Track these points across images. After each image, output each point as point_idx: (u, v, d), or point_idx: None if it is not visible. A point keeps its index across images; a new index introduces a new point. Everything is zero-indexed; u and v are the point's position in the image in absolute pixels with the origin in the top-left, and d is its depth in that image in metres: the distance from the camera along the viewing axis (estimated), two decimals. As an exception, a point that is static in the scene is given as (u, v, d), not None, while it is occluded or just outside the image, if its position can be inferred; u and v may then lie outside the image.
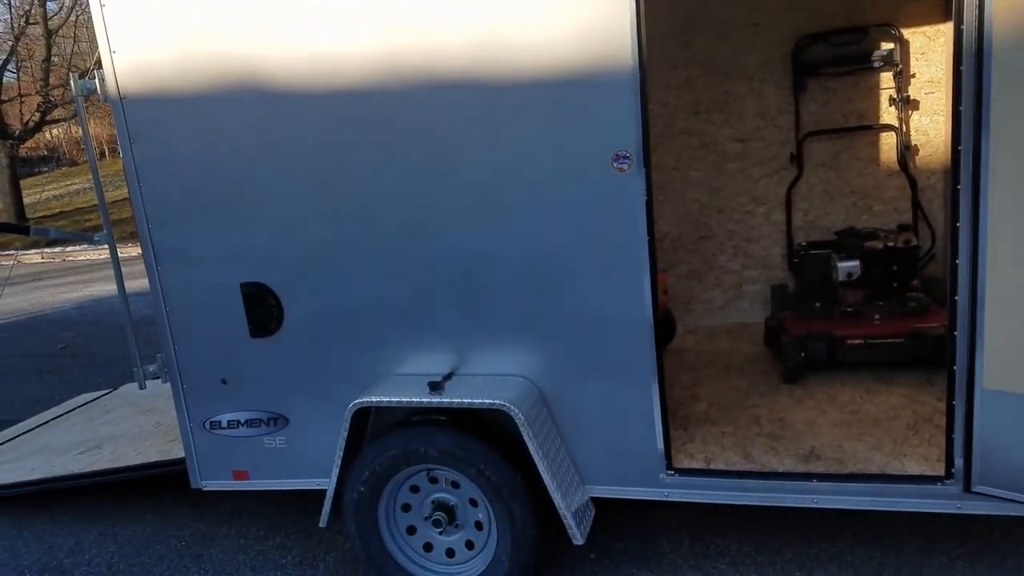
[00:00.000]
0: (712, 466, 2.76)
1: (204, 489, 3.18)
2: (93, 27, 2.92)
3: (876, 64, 3.92)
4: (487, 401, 2.61)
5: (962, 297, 2.31)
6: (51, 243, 16.30)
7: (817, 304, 3.72)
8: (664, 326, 4.13)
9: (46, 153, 32.48)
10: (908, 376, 3.34)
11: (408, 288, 2.78)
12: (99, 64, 2.89)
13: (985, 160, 2.20)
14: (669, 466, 2.73)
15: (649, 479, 2.75)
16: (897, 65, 3.91)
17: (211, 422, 3.11)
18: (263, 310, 2.92)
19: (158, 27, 2.78)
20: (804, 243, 4.14)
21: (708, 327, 4.47)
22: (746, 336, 4.21)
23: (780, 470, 2.67)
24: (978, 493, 2.40)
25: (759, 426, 3.05)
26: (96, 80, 2.95)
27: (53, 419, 4.95)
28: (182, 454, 3.21)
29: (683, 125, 4.39)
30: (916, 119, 4.05)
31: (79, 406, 5.13)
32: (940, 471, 2.51)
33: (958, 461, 2.42)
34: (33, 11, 19.26)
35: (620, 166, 2.53)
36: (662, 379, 2.66)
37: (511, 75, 2.52)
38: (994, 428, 2.33)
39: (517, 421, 2.58)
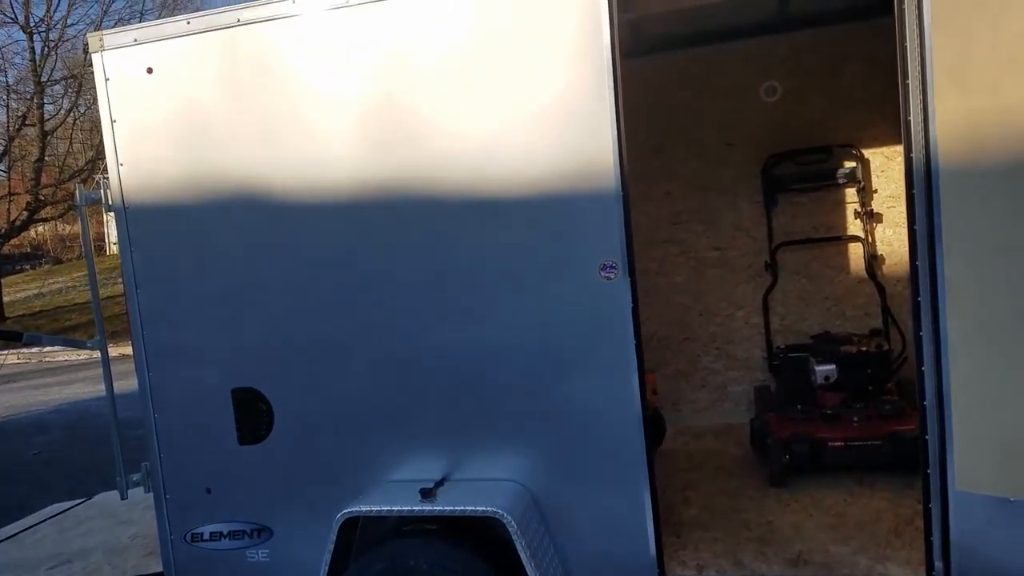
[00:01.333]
0: (704, 574, 2.78)
1: (182, 607, 3.08)
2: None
3: (840, 181, 4.23)
4: (480, 508, 2.62)
5: (930, 403, 2.44)
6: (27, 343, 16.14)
7: (799, 406, 3.83)
8: (654, 426, 4.20)
9: (29, 250, 32.58)
10: (889, 479, 3.41)
11: (398, 391, 2.84)
12: (102, 171, 3.08)
13: (940, 274, 2.38)
14: (662, 574, 2.74)
15: (641, 587, 2.75)
16: (859, 182, 4.23)
17: (193, 534, 3.05)
18: (253, 416, 2.96)
19: (164, 143, 2.96)
20: (783, 346, 4.30)
21: (696, 427, 4.54)
22: (732, 437, 4.28)
23: (770, 576, 2.70)
24: (965, 598, 2.44)
25: (748, 530, 3.08)
26: (101, 190, 3.12)
27: (21, 531, 4.79)
28: (160, 568, 3.12)
29: (665, 234, 4.64)
30: (880, 231, 4.33)
31: (50, 517, 4.98)
32: (923, 574, 2.55)
33: (938, 564, 2.46)
34: (31, 113, 19.78)
35: (607, 275, 2.69)
36: (653, 482, 2.71)
37: (506, 186, 2.70)
38: (969, 529, 2.39)
39: (510, 529, 2.59)
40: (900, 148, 4.20)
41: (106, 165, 3.08)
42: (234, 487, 3.02)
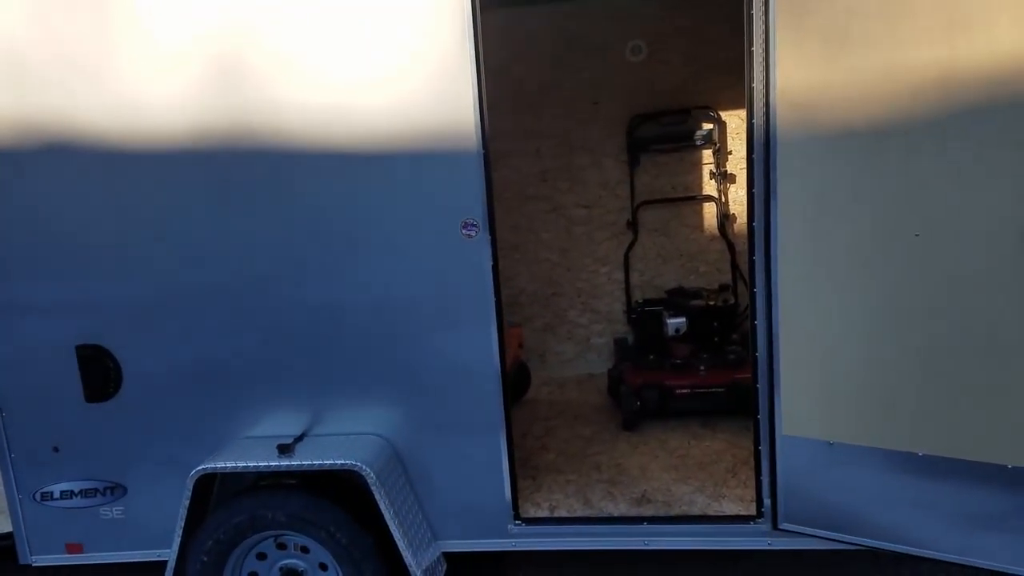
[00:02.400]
0: (556, 514, 2.92)
1: (34, 565, 2.93)
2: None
3: (698, 142, 4.44)
4: (338, 462, 2.62)
5: (761, 354, 2.66)
6: None
7: (651, 357, 4.07)
8: (519, 378, 4.33)
9: None
10: (730, 423, 3.72)
11: (258, 348, 2.77)
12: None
13: (775, 236, 2.58)
14: (516, 516, 2.85)
15: (498, 530, 2.86)
16: (716, 144, 4.45)
17: (43, 493, 2.91)
18: (100, 373, 2.78)
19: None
20: (640, 300, 4.53)
21: (561, 378, 4.72)
22: (593, 386, 4.49)
23: (615, 514, 2.88)
24: (784, 530, 2.72)
25: (599, 472, 3.27)
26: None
27: None
28: (9, 528, 2.98)
29: (534, 191, 4.70)
30: (733, 191, 4.61)
31: None
32: (753, 511, 2.82)
33: (767, 501, 2.73)
34: None
35: (468, 232, 2.70)
36: (510, 432, 2.80)
37: (365, 141, 2.63)
38: (794, 470, 2.66)
39: (369, 481, 2.61)
40: (753, 114, 4.52)
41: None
42: (84, 445, 2.88)
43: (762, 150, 2.56)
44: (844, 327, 2.49)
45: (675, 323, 4.02)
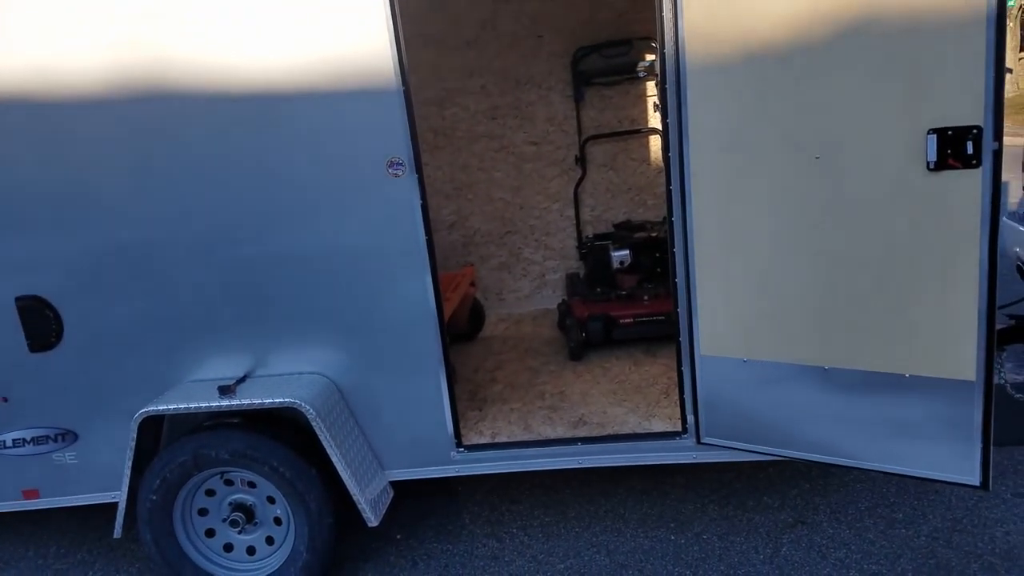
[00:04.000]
0: (497, 440, 3.08)
1: (-9, 513, 3.07)
2: None
3: (641, 74, 4.44)
4: (277, 400, 2.74)
5: (680, 280, 2.76)
6: None
7: (598, 289, 4.18)
8: (472, 316, 4.44)
9: None
10: (670, 348, 3.86)
11: (198, 293, 2.84)
12: None
13: (688, 165, 2.64)
14: (459, 444, 3.00)
15: (441, 458, 3.01)
16: (657, 75, 4.44)
17: None
18: (41, 323, 2.86)
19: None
20: (591, 235, 4.61)
21: (517, 314, 4.84)
22: (547, 321, 4.62)
23: (552, 437, 3.03)
24: (707, 444, 2.88)
25: (543, 400, 3.42)
26: None
27: None
28: None
29: (483, 129, 4.71)
30: (680, 123, 4.62)
31: None
32: (679, 427, 2.98)
33: (690, 418, 2.88)
34: None
35: (395, 171, 2.74)
36: (449, 368, 2.92)
37: (281, 81, 2.64)
38: (712, 387, 2.80)
39: (308, 417, 2.73)
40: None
41: None
42: (32, 394, 2.97)
43: (673, 79, 2.60)
44: (751, 250, 2.58)
45: (619, 255, 4.12)
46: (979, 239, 2.24)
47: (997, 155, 2.18)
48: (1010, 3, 17.70)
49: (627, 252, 4.08)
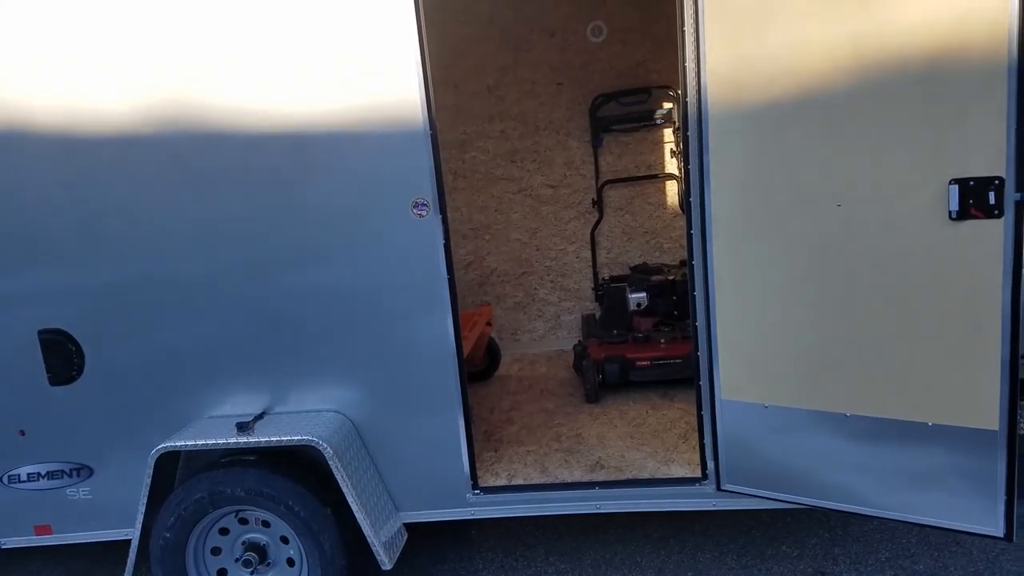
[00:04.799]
0: (513, 482, 3.04)
1: (3, 548, 3.04)
2: None
3: (658, 121, 4.52)
4: (295, 438, 2.73)
5: (700, 324, 2.77)
6: None
7: (615, 331, 4.18)
8: (488, 355, 4.44)
9: None
10: (687, 392, 3.84)
11: (220, 330, 2.87)
12: None
13: (708, 210, 2.67)
14: (475, 486, 2.98)
15: (457, 500, 2.98)
16: (675, 122, 4.53)
17: (10, 476, 3.01)
18: (63, 357, 2.89)
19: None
20: (607, 277, 4.63)
21: (532, 355, 4.84)
22: (561, 361, 4.61)
23: (569, 480, 3.00)
24: (727, 491, 2.84)
25: (559, 442, 3.39)
26: None
27: None
28: None
29: (502, 172, 4.79)
30: (696, 168, 4.68)
31: None
32: (698, 473, 2.94)
33: (710, 464, 2.85)
34: None
35: (419, 212, 2.79)
36: (467, 407, 2.91)
37: (311, 124, 2.71)
38: (732, 433, 2.78)
39: (326, 455, 2.72)
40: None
41: None
42: (49, 428, 2.98)
43: (695, 126, 2.64)
44: (773, 295, 2.59)
45: (636, 297, 4.13)
46: (1001, 287, 2.24)
47: (1020, 205, 2.19)
48: None
49: (644, 294, 4.10)
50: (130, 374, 2.91)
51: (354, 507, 2.76)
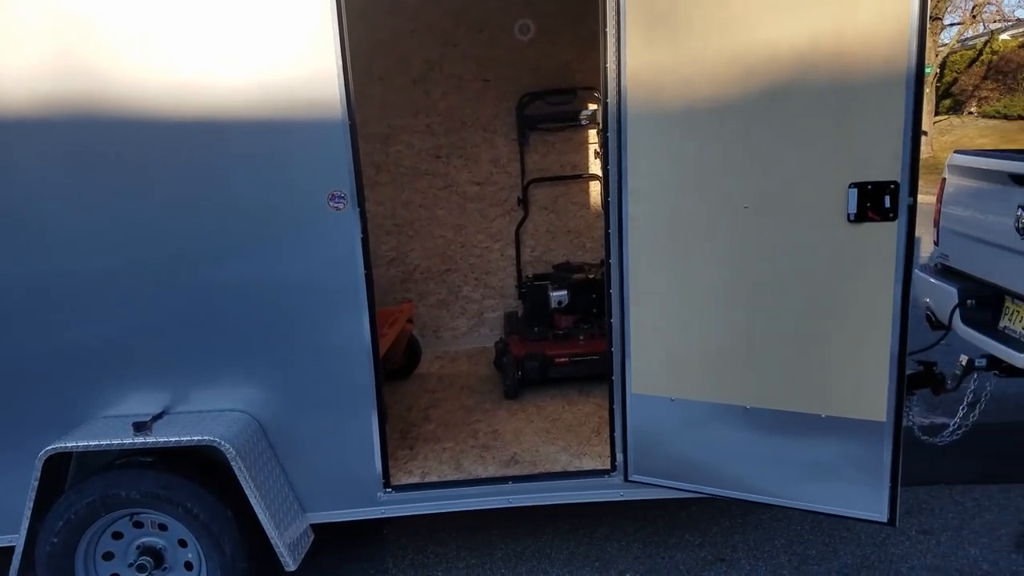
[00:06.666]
0: (426, 479, 3.01)
1: None
2: None
3: (583, 122, 4.56)
4: (195, 438, 2.61)
5: (615, 320, 2.80)
6: None
7: (536, 328, 4.19)
8: (408, 353, 4.38)
9: None
10: (604, 387, 3.89)
11: (118, 326, 2.71)
12: None
13: (625, 210, 2.71)
14: (387, 485, 2.92)
15: (367, 499, 2.91)
16: (599, 123, 4.59)
17: None
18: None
19: None
20: (530, 275, 4.65)
21: (454, 352, 4.80)
22: (483, 359, 4.59)
23: (483, 476, 2.99)
24: (634, 482, 2.89)
25: (476, 439, 3.37)
26: None
27: None
28: None
29: (428, 167, 4.73)
30: (619, 169, 4.76)
31: None
32: (608, 465, 2.98)
33: (619, 456, 2.89)
34: None
35: (336, 205, 2.71)
36: (381, 407, 2.85)
37: (224, 112, 2.61)
38: (641, 426, 2.83)
39: (228, 456, 2.60)
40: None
41: None
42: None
43: (615, 127, 2.68)
44: (681, 292, 2.65)
45: (557, 296, 4.16)
46: (893, 287, 2.36)
47: (912, 209, 2.31)
48: (927, 70, 19.04)
49: (565, 293, 4.13)
50: (18, 371, 2.71)
51: (257, 509, 2.66)
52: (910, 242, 2.32)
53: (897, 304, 2.36)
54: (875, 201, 2.30)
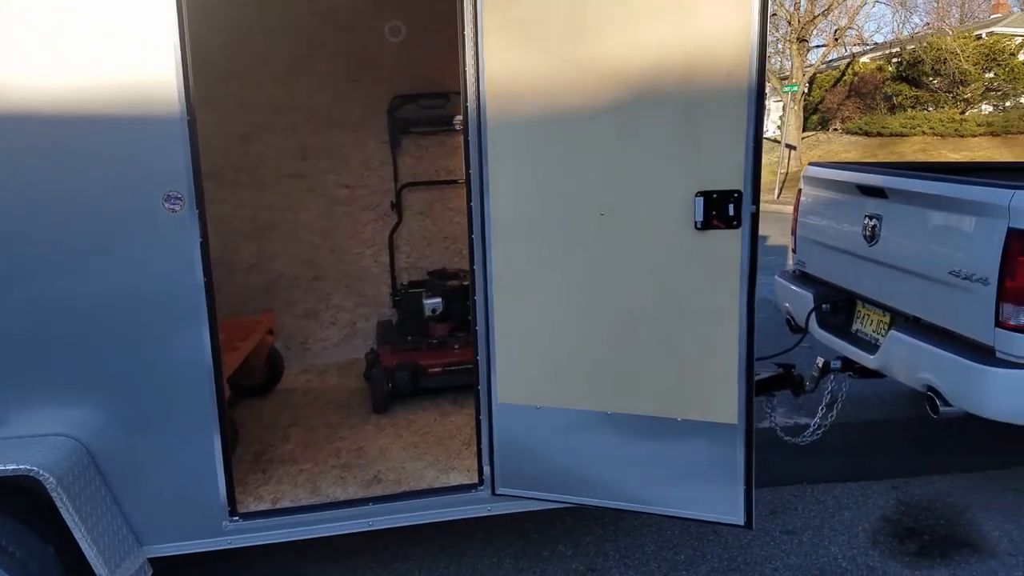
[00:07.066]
0: (278, 505, 2.81)
1: None
2: None
3: (457, 127, 4.48)
4: (10, 467, 2.31)
5: (480, 327, 2.73)
6: None
7: (409, 337, 4.06)
8: (270, 367, 4.13)
9: None
10: (478, 398, 3.81)
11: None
12: None
13: (488, 216, 2.64)
14: (233, 512, 2.70)
15: (211, 529, 2.68)
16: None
17: None
18: None
19: None
20: (405, 283, 4.51)
21: (324, 364, 4.57)
22: (355, 371, 4.40)
23: (341, 499, 2.82)
24: (501, 495, 2.82)
25: (337, 458, 3.20)
26: None
27: None
28: None
29: (292, 168, 4.49)
30: (494, 175, 4.71)
31: None
32: (475, 479, 2.90)
33: (487, 469, 2.82)
34: None
35: (172, 206, 2.49)
36: (224, 428, 2.63)
37: (49, 106, 2.34)
38: (507, 436, 2.77)
39: (48, 486, 2.32)
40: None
41: None
42: None
43: (475, 132, 2.61)
44: (544, 299, 2.61)
45: (431, 303, 4.05)
46: (739, 293, 2.42)
47: (755, 217, 2.38)
48: (793, 88, 20.39)
49: (439, 300, 4.02)
50: None
51: (83, 544, 2.38)
52: (754, 249, 2.39)
53: (744, 308, 2.43)
54: (720, 209, 2.35)
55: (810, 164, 4.50)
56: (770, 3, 2.29)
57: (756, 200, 2.36)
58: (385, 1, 4.36)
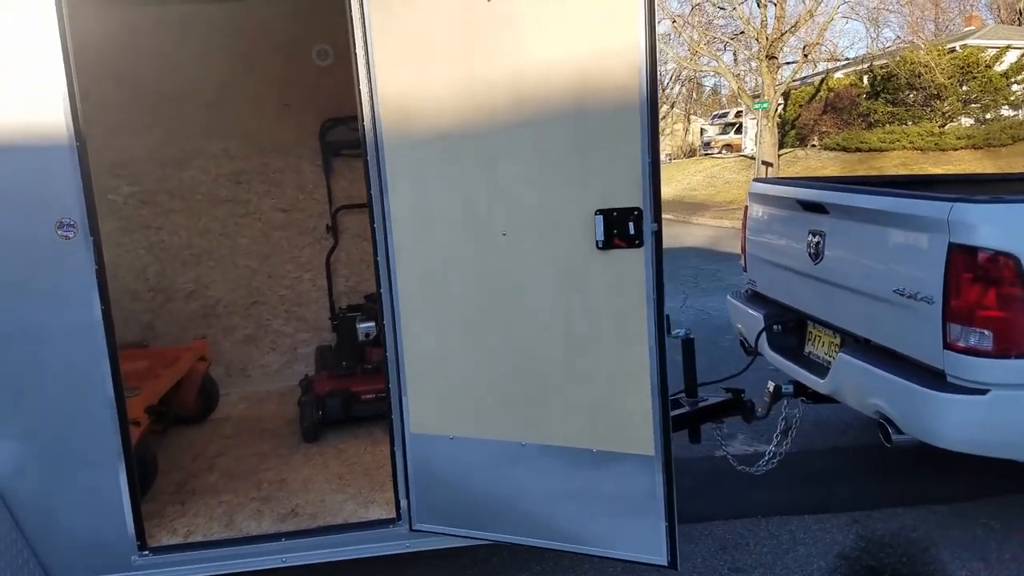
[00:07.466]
0: (190, 539, 2.71)
1: None
2: None
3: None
4: None
5: (390, 355, 2.66)
6: None
7: (344, 363, 3.98)
8: (202, 396, 4.03)
9: None
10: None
11: None
12: None
13: (391, 239, 2.58)
14: (143, 547, 2.61)
15: (121, 565, 2.60)
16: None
17: None
18: None
19: None
20: (344, 307, 4.43)
21: (263, 392, 4.48)
22: (294, 398, 4.30)
23: (255, 533, 2.73)
24: (419, 531, 2.72)
25: (258, 490, 3.11)
26: None
27: None
28: None
29: (227, 193, 4.42)
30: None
31: None
32: (393, 514, 2.79)
33: (403, 502, 2.72)
34: None
35: (65, 233, 2.44)
36: (130, 461, 2.55)
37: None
38: (423, 468, 2.68)
39: (-67, 533, 2.23)
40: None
41: None
42: None
43: (373, 153, 2.56)
44: (450, 326, 2.54)
45: (365, 327, 3.96)
46: (646, 316, 2.35)
47: (657, 235, 2.33)
48: (764, 104, 20.53)
49: (372, 324, 3.94)
50: None
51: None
52: (659, 268, 2.34)
53: (652, 332, 2.36)
54: (621, 228, 2.30)
55: (755, 180, 4.40)
56: (657, 14, 2.26)
57: (658, 218, 2.32)
58: (313, 24, 4.32)
